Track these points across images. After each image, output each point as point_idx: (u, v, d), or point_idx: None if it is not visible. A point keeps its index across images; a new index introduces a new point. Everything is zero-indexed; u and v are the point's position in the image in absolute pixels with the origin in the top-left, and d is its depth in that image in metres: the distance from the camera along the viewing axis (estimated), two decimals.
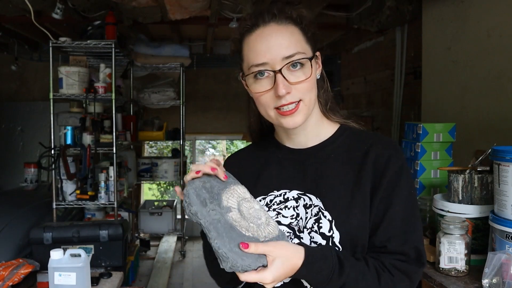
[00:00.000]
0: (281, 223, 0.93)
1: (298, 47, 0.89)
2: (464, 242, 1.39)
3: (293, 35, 0.90)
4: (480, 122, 2.23)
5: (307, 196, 0.93)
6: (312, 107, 0.93)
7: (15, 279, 1.78)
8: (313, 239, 0.89)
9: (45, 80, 3.37)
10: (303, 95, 0.89)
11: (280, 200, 0.95)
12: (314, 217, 0.90)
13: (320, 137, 0.98)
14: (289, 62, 0.87)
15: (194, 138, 6.18)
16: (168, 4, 3.02)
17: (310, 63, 0.89)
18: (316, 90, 0.94)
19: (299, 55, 0.88)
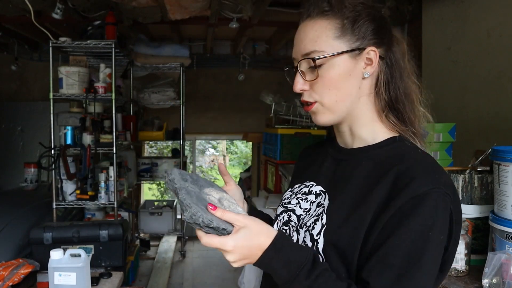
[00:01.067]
0: (295, 212, 0.92)
1: (318, 45, 0.84)
2: (464, 242, 1.39)
3: (318, 31, 0.85)
4: (480, 122, 2.23)
5: (325, 195, 0.90)
6: (338, 108, 0.87)
7: (15, 279, 1.78)
8: (305, 238, 0.87)
9: (45, 80, 3.37)
10: (318, 96, 0.86)
11: (305, 191, 0.94)
12: (315, 217, 0.87)
13: (366, 141, 0.90)
14: (304, 59, 0.85)
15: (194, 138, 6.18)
16: (168, 4, 3.02)
17: (315, 63, 0.84)
18: (346, 92, 0.86)
19: (316, 54, 0.84)
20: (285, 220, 0.93)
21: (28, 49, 4.72)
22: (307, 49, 0.85)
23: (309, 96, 0.87)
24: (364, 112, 0.89)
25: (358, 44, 0.85)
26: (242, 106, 5.48)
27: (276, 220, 0.96)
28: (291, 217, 0.92)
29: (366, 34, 0.85)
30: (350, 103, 0.87)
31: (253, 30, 4.17)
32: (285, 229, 0.93)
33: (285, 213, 0.94)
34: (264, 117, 4.69)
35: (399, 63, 0.90)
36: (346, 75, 0.85)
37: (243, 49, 5.12)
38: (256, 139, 4.46)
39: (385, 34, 0.88)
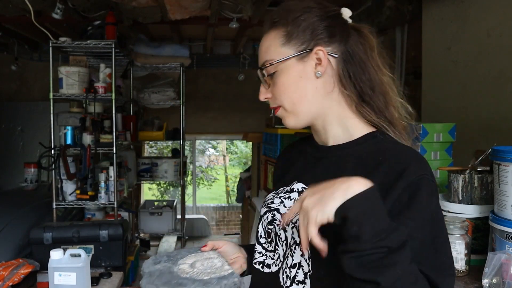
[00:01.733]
0: (279, 211, 0.93)
1: (267, 55, 0.90)
2: (464, 242, 1.39)
3: (267, 42, 0.90)
4: (480, 122, 2.23)
5: None
6: (301, 109, 0.89)
7: (15, 279, 1.78)
8: (293, 234, 0.87)
9: (45, 80, 3.37)
10: (280, 101, 0.90)
11: (287, 190, 0.95)
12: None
13: (343, 137, 0.91)
14: (259, 69, 0.91)
15: (194, 138, 6.18)
16: (168, 4, 3.02)
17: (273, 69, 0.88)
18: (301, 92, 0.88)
19: (266, 63, 0.89)
20: (270, 220, 0.94)
21: (28, 49, 4.72)
22: (262, 60, 0.91)
23: (273, 102, 0.92)
24: (334, 108, 0.90)
25: (304, 46, 0.87)
26: (242, 106, 5.48)
27: (261, 220, 0.97)
28: (275, 216, 0.93)
29: (313, 35, 0.87)
30: (310, 103, 0.89)
31: (253, 30, 4.17)
32: (270, 228, 0.93)
33: (269, 212, 0.95)
34: (264, 117, 4.69)
35: (359, 57, 0.89)
36: (297, 78, 0.88)
37: (243, 49, 5.12)
38: (256, 139, 4.46)
39: (335, 31, 0.88)
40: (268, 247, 0.93)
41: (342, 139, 0.91)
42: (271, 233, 0.92)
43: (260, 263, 0.94)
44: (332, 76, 0.89)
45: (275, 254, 0.91)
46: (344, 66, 0.88)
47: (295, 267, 0.86)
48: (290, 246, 0.88)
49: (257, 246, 0.96)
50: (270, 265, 0.92)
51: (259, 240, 0.95)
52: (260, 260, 0.94)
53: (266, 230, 0.93)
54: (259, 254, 0.95)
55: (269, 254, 0.93)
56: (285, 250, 0.89)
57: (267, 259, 0.93)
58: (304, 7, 0.89)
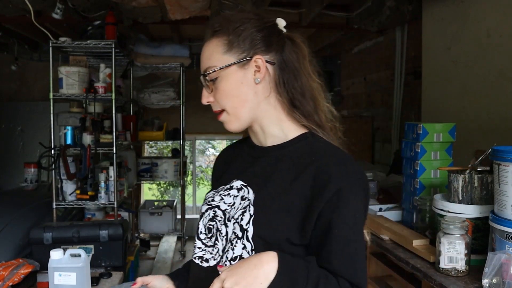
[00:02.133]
0: (220, 208, 0.99)
1: (210, 61, 0.96)
2: (464, 242, 1.39)
3: (210, 49, 0.96)
4: (480, 122, 2.23)
5: (247, 189, 0.98)
6: (242, 112, 0.97)
7: (15, 279, 1.78)
8: (234, 229, 0.94)
9: (45, 80, 3.37)
10: (223, 105, 0.96)
11: (227, 188, 1.02)
12: (242, 209, 0.94)
13: (279, 138, 1.00)
14: (202, 75, 0.97)
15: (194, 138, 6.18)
16: (168, 4, 3.01)
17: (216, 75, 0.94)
18: (242, 97, 0.96)
19: (209, 70, 0.95)
20: (211, 216, 1.00)
21: (28, 49, 4.71)
22: (204, 66, 0.97)
23: (215, 106, 0.98)
24: (270, 112, 0.98)
25: (245, 55, 0.94)
26: None
27: (202, 217, 1.02)
28: (216, 212, 0.99)
29: (252, 44, 0.95)
30: (250, 107, 0.97)
31: None
32: (212, 224, 0.99)
33: (210, 210, 1.01)
34: None
35: (293, 65, 0.97)
36: (238, 84, 0.95)
37: None
38: None
39: (272, 41, 0.96)
40: (208, 242, 0.99)
41: (278, 140, 1.00)
42: (212, 229, 0.98)
43: (200, 258, 1.00)
44: (269, 82, 0.97)
45: (214, 248, 0.98)
46: (279, 73, 0.97)
47: (235, 260, 0.92)
48: (231, 240, 0.94)
49: (197, 242, 1.02)
50: (209, 259, 0.98)
51: (199, 236, 1.02)
52: (199, 254, 1.01)
53: (207, 226, 1.00)
54: (198, 249, 1.01)
55: (208, 249, 0.99)
56: (224, 245, 0.96)
57: (206, 253, 0.99)
58: (243, 18, 0.96)
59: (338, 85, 5.22)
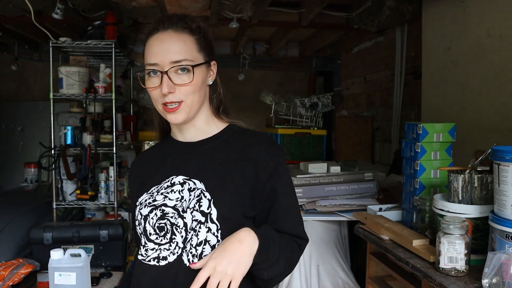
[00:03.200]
0: (167, 205, 1.03)
1: (187, 55, 1.02)
2: (464, 242, 1.39)
3: (185, 43, 1.03)
4: (480, 122, 2.23)
5: (191, 181, 1.04)
6: (195, 107, 1.06)
7: (15, 279, 1.78)
8: (194, 217, 0.99)
9: (45, 80, 3.37)
10: (185, 97, 1.03)
11: (168, 185, 1.06)
12: (196, 198, 1.01)
13: (208, 133, 1.12)
14: (176, 66, 1.00)
15: None
16: (168, 4, 3.02)
17: (193, 69, 1.01)
18: (202, 94, 1.07)
19: (186, 62, 1.01)
20: (159, 215, 1.03)
21: (28, 49, 4.71)
22: (178, 57, 1.01)
23: (175, 97, 1.02)
24: (205, 112, 1.12)
25: (208, 58, 1.08)
26: (242, 106, 5.48)
27: (146, 220, 1.04)
28: (165, 210, 1.03)
29: (211, 50, 1.10)
30: (201, 104, 1.08)
31: (253, 30, 4.17)
32: (163, 222, 1.02)
33: (155, 210, 1.04)
34: (264, 117, 4.69)
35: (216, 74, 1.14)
36: (203, 82, 1.06)
37: (243, 49, 5.12)
38: None
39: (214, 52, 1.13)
40: (162, 240, 1.02)
41: (207, 134, 1.12)
42: (166, 226, 1.02)
43: (155, 258, 1.02)
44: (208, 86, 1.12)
45: (172, 244, 1.01)
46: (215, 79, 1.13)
47: (201, 244, 0.99)
48: (193, 228, 0.99)
49: (148, 244, 1.03)
50: (166, 256, 1.01)
51: (149, 237, 1.03)
52: (153, 255, 1.02)
53: (157, 225, 1.02)
54: (152, 250, 1.02)
55: (164, 247, 1.01)
56: (185, 235, 1.00)
57: (162, 252, 1.01)
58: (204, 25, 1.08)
59: (338, 85, 5.22)
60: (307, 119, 4.06)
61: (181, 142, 1.13)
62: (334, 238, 2.75)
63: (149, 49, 1.04)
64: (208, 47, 1.08)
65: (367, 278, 2.12)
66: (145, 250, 1.04)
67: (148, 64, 1.03)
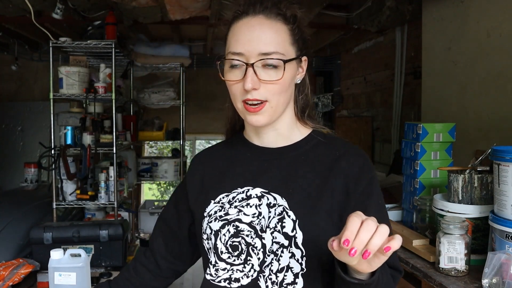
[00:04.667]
0: (242, 221, 0.90)
1: (279, 47, 0.87)
2: (464, 242, 1.39)
3: (278, 33, 0.88)
4: (480, 122, 2.23)
5: (271, 195, 0.91)
6: (280, 110, 0.91)
7: (15, 279, 1.78)
8: (275, 239, 0.87)
9: (45, 80, 3.37)
10: (270, 96, 0.88)
11: (243, 197, 0.93)
12: (277, 217, 0.88)
13: (290, 139, 0.97)
14: (264, 59, 0.86)
15: (194, 138, 6.18)
16: (168, 4, 3.01)
17: (284, 65, 0.87)
18: (288, 94, 0.92)
19: (277, 55, 0.86)
20: (233, 232, 0.90)
21: (28, 49, 4.71)
22: (268, 49, 0.86)
23: (259, 95, 0.87)
24: (289, 115, 0.97)
25: (299, 53, 0.92)
26: None
27: (217, 236, 0.92)
28: (239, 227, 0.90)
29: (305, 44, 0.94)
30: (287, 105, 0.94)
31: None
32: (237, 240, 0.90)
33: (228, 225, 0.91)
34: None
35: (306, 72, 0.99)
36: (292, 80, 0.92)
37: None
38: None
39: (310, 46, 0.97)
40: (235, 261, 0.90)
41: (289, 141, 0.97)
42: (240, 245, 0.90)
43: (226, 280, 0.91)
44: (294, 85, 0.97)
45: (246, 266, 0.89)
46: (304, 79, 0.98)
47: (282, 271, 0.87)
48: (273, 251, 0.87)
49: (219, 263, 0.92)
50: (239, 278, 0.89)
51: (220, 256, 0.92)
52: (225, 277, 0.91)
53: (231, 243, 0.90)
54: (223, 271, 0.91)
55: (236, 268, 0.90)
56: (262, 258, 0.88)
57: (234, 273, 0.90)
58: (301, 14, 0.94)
59: (338, 85, 5.22)
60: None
61: (257, 146, 0.98)
62: None
63: (235, 35, 0.89)
64: (302, 40, 0.93)
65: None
66: (215, 270, 0.92)
67: (232, 53, 0.88)
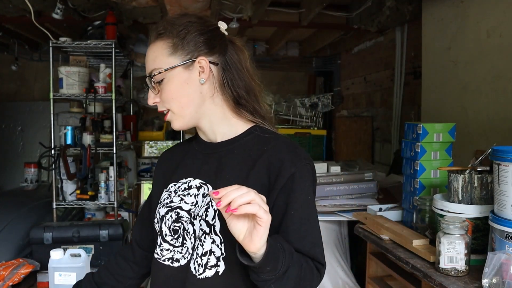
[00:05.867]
0: (182, 208, 1.01)
1: (155, 64, 0.99)
2: (464, 242, 1.39)
3: (154, 52, 1.00)
4: (480, 122, 2.23)
5: (206, 186, 1.01)
6: (187, 112, 1.01)
7: (15, 279, 1.78)
8: (201, 226, 0.97)
9: (45, 80, 3.37)
10: (167, 105, 1.00)
11: (185, 187, 1.03)
12: (205, 206, 0.98)
13: (227, 134, 1.04)
14: (149, 77, 1.00)
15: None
16: (168, 4, 3.02)
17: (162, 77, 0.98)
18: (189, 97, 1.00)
19: (154, 71, 0.99)
20: (175, 218, 1.01)
21: (28, 49, 4.71)
22: (149, 68, 1.00)
23: (161, 106, 1.01)
24: (217, 110, 1.03)
25: (189, 57, 0.99)
26: None
27: (163, 220, 1.03)
28: (180, 213, 1.01)
29: (196, 46, 0.99)
30: (196, 106, 1.01)
31: (253, 30, 4.17)
32: (177, 225, 1.01)
33: (171, 211, 1.02)
34: None
35: (236, 66, 1.03)
36: (183, 85, 0.99)
37: None
38: None
39: (215, 43, 1.01)
40: (175, 243, 1.01)
41: (227, 135, 1.04)
42: (179, 230, 1.00)
43: (170, 259, 1.01)
44: (214, 82, 1.02)
45: (183, 248, 1.00)
46: (223, 74, 1.02)
47: (206, 255, 0.96)
48: (199, 237, 0.97)
49: (164, 244, 1.02)
50: (179, 259, 1.00)
51: (165, 238, 1.02)
52: (168, 256, 1.02)
53: (172, 227, 1.01)
54: (167, 251, 1.02)
55: (177, 249, 1.00)
56: (193, 243, 0.98)
57: (175, 254, 1.01)
58: (187, 22, 1.00)
59: (338, 85, 5.22)
60: (307, 119, 4.07)
61: (204, 142, 1.09)
62: (334, 238, 2.75)
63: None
64: (188, 45, 0.98)
65: (367, 278, 2.12)
66: (161, 250, 1.04)
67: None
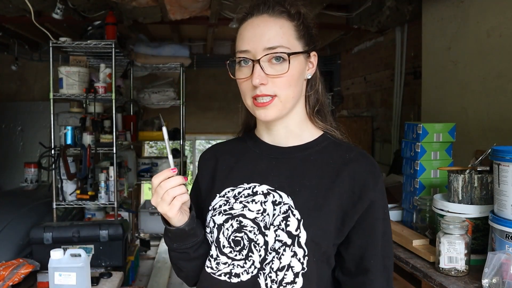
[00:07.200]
0: (246, 216, 0.91)
1: (283, 41, 0.88)
2: (464, 242, 1.39)
3: (282, 28, 0.89)
4: (480, 122, 2.23)
5: (277, 193, 0.91)
6: (289, 104, 0.91)
7: (15, 279, 1.78)
8: (278, 237, 0.87)
9: (45, 80, 3.38)
10: (279, 90, 0.89)
11: (248, 193, 0.93)
12: (282, 215, 0.88)
13: (301, 138, 0.97)
14: (270, 53, 0.87)
15: (194, 138, 6.18)
16: (168, 4, 3.02)
17: (289, 58, 0.88)
18: (298, 89, 0.92)
19: (281, 49, 0.88)
20: (236, 227, 0.91)
21: (28, 49, 4.71)
22: (272, 43, 0.88)
23: (267, 90, 0.88)
24: (299, 111, 0.97)
25: (307, 48, 0.93)
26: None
27: (221, 230, 0.92)
28: (242, 222, 0.91)
29: (312, 40, 0.94)
30: (295, 101, 0.94)
31: None
32: (239, 235, 0.90)
33: (231, 220, 0.92)
34: None
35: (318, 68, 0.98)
36: (300, 74, 0.92)
37: None
38: None
39: (318, 41, 0.97)
40: (236, 256, 0.90)
41: (299, 141, 0.97)
42: (242, 241, 0.90)
43: (227, 274, 0.90)
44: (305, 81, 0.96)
45: (247, 261, 0.89)
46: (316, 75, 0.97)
47: (283, 270, 0.86)
48: (275, 249, 0.87)
49: (221, 257, 0.91)
50: (239, 274, 0.89)
51: (222, 250, 0.91)
52: (225, 271, 0.91)
53: (233, 238, 0.91)
54: (224, 265, 0.91)
55: (238, 263, 0.90)
56: (263, 255, 0.88)
57: (235, 268, 0.90)
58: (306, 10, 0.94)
59: (338, 85, 5.22)
60: None
61: (267, 144, 0.99)
62: None
63: (241, 35, 0.93)
64: (308, 35, 0.93)
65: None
66: (216, 264, 0.92)
67: (239, 52, 0.91)
